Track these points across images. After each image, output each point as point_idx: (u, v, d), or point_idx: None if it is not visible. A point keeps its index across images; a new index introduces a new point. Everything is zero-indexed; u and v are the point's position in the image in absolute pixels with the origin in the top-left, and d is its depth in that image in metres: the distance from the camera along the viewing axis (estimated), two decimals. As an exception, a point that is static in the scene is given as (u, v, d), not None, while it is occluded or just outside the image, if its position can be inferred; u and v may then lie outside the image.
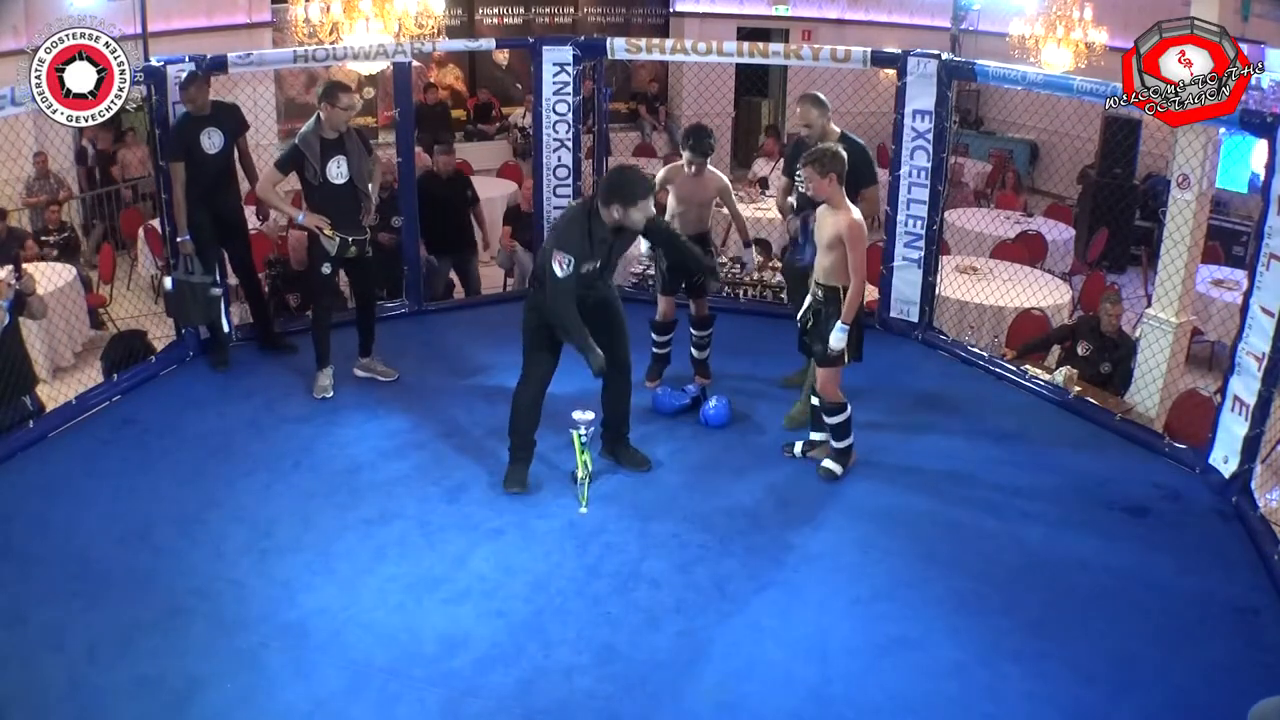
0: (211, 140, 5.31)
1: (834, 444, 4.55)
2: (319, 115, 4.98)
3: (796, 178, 4.98)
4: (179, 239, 5.37)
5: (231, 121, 5.45)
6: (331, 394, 5.19)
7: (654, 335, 5.37)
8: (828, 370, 4.42)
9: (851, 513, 4.30)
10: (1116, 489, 4.54)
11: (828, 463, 4.56)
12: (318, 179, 4.98)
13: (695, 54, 6.30)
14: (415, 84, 7.29)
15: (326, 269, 5.16)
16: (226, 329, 5.73)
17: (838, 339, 4.31)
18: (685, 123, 12.92)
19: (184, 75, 5.26)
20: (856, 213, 4.30)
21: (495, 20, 12.54)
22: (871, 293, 5.89)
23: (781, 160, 10.58)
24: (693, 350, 5.37)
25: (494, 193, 9.09)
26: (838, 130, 5.04)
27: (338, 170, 5.01)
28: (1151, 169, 10.46)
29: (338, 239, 5.02)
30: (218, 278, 5.54)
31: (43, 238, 8.47)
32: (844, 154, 4.27)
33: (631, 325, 4.53)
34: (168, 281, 5.48)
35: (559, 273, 4.09)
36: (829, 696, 3.29)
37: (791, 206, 5.12)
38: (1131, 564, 4.00)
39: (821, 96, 5.05)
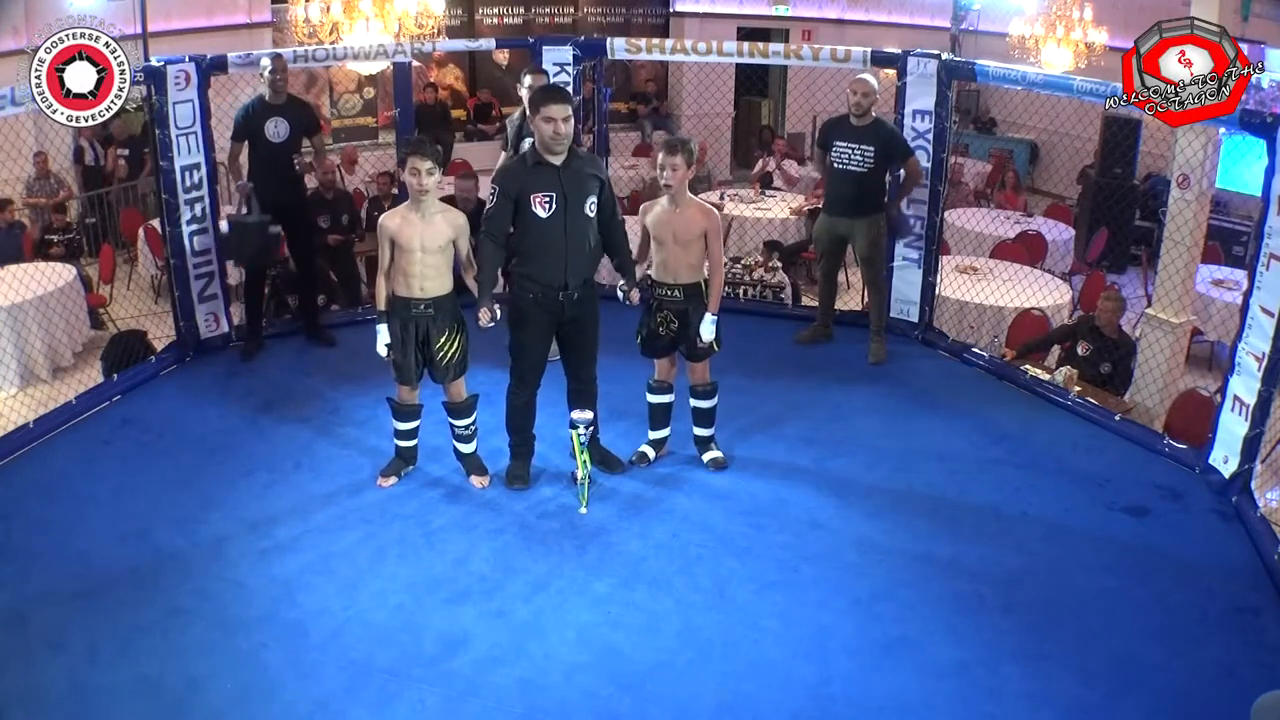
0: (277, 130, 5.42)
1: (704, 431, 4.61)
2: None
3: (831, 149, 5.66)
4: (239, 184, 5.46)
5: (302, 117, 5.57)
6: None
7: (396, 422, 4.41)
8: (705, 363, 4.47)
9: (851, 513, 4.29)
10: (1116, 489, 4.54)
11: (714, 454, 4.61)
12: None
13: (695, 54, 6.30)
14: (415, 84, 7.28)
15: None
16: (227, 329, 5.73)
17: (710, 330, 4.32)
18: (685, 123, 13.00)
19: (270, 62, 5.39)
20: (710, 206, 4.40)
21: (495, 20, 12.54)
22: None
23: (784, 158, 10.65)
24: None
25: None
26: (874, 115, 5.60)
27: None
28: (1151, 169, 10.45)
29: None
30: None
31: (47, 236, 8.49)
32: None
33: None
34: (223, 224, 5.46)
35: (488, 205, 4.14)
36: (829, 696, 3.29)
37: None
38: (1131, 563, 4.00)
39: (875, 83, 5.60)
